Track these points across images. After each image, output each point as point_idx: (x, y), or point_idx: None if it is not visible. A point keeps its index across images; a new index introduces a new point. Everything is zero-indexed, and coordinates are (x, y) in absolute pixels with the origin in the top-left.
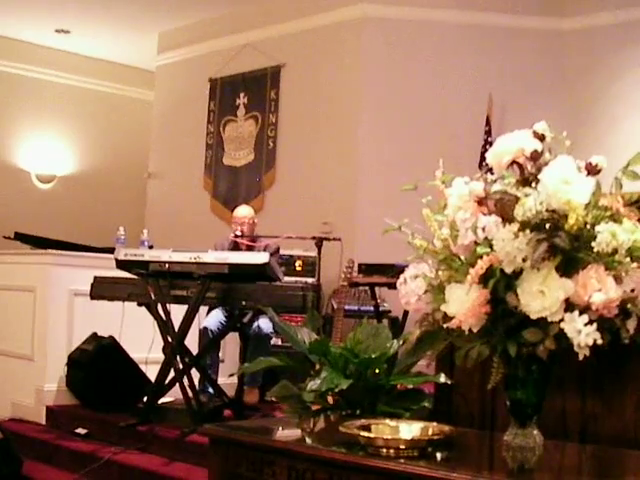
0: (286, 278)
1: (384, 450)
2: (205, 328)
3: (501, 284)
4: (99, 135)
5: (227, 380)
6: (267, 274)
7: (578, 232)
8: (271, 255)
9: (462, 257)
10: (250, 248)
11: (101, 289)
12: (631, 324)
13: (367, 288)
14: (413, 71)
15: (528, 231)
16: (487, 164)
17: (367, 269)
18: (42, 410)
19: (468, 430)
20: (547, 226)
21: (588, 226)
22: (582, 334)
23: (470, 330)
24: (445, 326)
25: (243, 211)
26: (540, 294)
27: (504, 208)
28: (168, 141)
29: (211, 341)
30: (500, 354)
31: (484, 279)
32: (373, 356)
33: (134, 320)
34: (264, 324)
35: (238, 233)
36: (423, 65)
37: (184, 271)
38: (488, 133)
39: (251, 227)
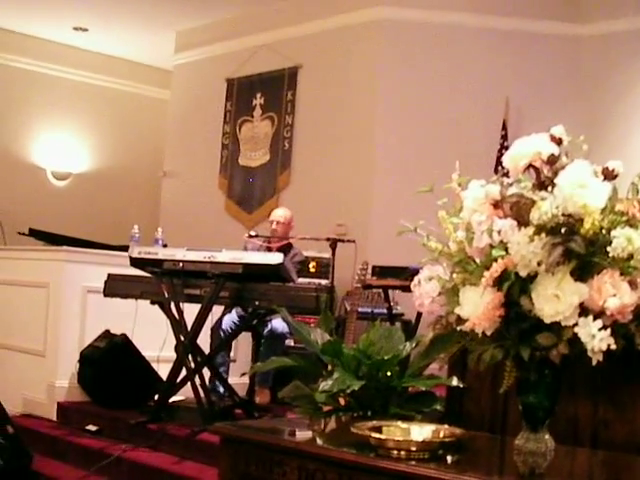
0: (300, 279)
1: (395, 452)
2: (218, 328)
3: (515, 287)
4: (115, 133)
5: (238, 380)
6: (281, 275)
7: (594, 237)
8: (297, 263)
9: (477, 260)
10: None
11: (114, 287)
12: None
13: (380, 290)
14: (429, 74)
15: (544, 235)
16: (503, 167)
17: (381, 271)
18: (53, 406)
19: (479, 433)
20: (563, 230)
21: (604, 231)
22: (596, 339)
23: (483, 333)
24: (458, 329)
25: (280, 210)
26: (554, 298)
27: (520, 211)
28: (184, 140)
29: (223, 341)
30: (513, 358)
31: (498, 282)
32: (385, 358)
33: (147, 318)
34: (278, 324)
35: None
36: (439, 68)
37: (198, 270)
38: (504, 137)
39: (285, 227)
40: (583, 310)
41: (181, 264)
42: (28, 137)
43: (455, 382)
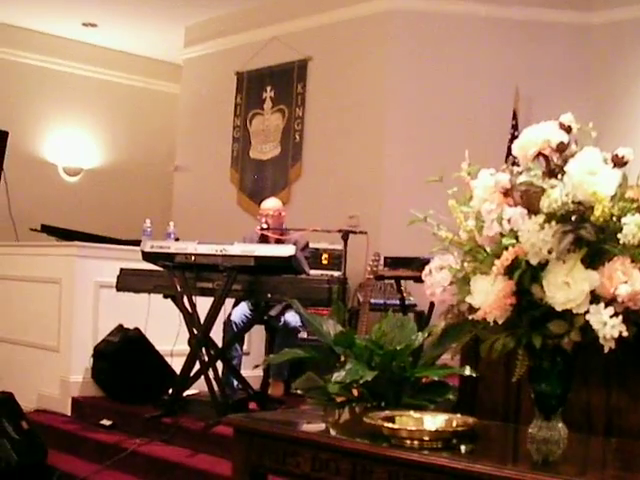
0: (312, 271)
1: (408, 441)
2: (230, 320)
3: (526, 275)
4: (126, 128)
5: (252, 373)
6: (293, 267)
7: (604, 224)
8: (301, 250)
9: (487, 248)
10: (279, 242)
11: (127, 281)
12: None
13: (393, 281)
14: (439, 64)
15: (554, 223)
16: (513, 156)
17: (393, 262)
18: (67, 401)
19: (492, 422)
20: (573, 218)
21: (614, 218)
22: (608, 326)
23: (495, 322)
24: (470, 318)
25: (268, 203)
26: (565, 286)
27: (530, 199)
28: (195, 134)
29: (235, 334)
30: (525, 346)
31: (509, 270)
32: (398, 348)
33: (160, 312)
34: (291, 318)
35: (264, 226)
36: (449, 58)
37: (210, 263)
38: (515, 127)
39: (277, 219)
40: (594, 297)
41: (193, 257)
42: (39, 133)
43: (468, 371)
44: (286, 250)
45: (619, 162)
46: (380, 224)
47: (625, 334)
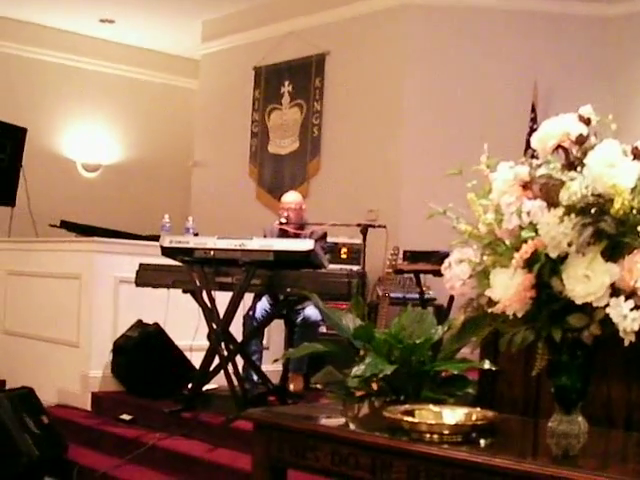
0: (331, 265)
1: (427, 435)
2: (252, 315)
3: (546, 269)
4: (144, 124)
5: (272, 367)
6: (312, 261)
7: (624, 217)
8: (317, 241)
9: (507, 241)
10: (297, 235)
11: (146, 276)
12: None
13: (412, 275)
14: (457, 58)
15: (573, 215)
16: (532, 149)
17: (412, 256)
18: (87, 396)
19: (512, 416)
20: (592, 210)
21: (634, 211)
22: (628, 319)
23: (515, 315)
24: (490, 311)
25: (289, 197)
26: (585, 279)
27: (549, 192)
28: (213, 130)
29: (255, 328)
30: (545, 339)
31: (529, 263)
32: (417, 342)
33: (179, 307)
34: (311, 312)
35: (283, 220)
36: (467, 52)
37: (229, 258)
38: (534, 120)
39: (298, 213)
40: (614, 291)
41: (212, 252)
42: (57, 130)
43: (487, 365)
44: (305, 244)
45: (639, 154)
46: (399, 218)
47: None
